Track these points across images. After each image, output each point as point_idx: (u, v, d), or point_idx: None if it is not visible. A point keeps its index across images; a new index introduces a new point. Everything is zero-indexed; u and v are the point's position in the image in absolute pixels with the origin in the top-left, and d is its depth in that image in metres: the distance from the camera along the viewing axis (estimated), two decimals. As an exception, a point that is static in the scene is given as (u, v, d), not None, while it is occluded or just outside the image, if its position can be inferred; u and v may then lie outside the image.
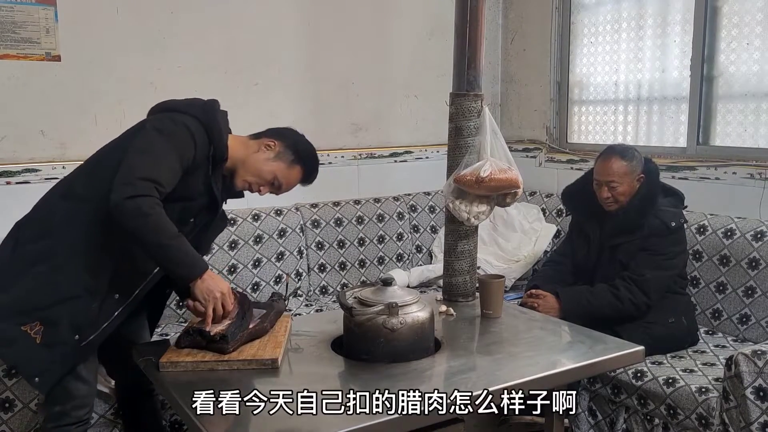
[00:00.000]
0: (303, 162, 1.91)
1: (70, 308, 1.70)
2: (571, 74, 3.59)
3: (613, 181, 2.44)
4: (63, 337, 1.70)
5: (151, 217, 1.61)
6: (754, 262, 2.56)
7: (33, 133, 2.68)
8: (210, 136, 1.77)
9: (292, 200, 3.17)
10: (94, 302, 1.72)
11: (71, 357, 1.73)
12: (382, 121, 3.53)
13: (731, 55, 2.86)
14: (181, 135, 1.72)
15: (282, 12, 3.16)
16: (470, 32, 2.22)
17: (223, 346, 1.68)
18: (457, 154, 2.25)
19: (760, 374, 1.90)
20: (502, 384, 1.58)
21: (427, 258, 3.44)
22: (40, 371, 1.70)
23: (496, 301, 2.09)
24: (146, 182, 1.64)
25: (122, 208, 1.61)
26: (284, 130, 1.96)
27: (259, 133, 1.94)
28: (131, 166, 1.66)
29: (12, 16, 2.58)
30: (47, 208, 1.81)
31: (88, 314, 1.71)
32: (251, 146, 1.89)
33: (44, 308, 1.69)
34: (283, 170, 1.88)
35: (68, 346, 1.71)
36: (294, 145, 1.91)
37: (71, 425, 1.82)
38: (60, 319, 1.69)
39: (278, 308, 1.92)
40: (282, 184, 1.90)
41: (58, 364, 1.72)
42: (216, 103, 1.86)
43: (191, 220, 1.83)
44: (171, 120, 1.76)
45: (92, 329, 1.73)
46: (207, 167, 1.79)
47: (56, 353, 1.70)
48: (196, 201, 1.81)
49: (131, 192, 1.61)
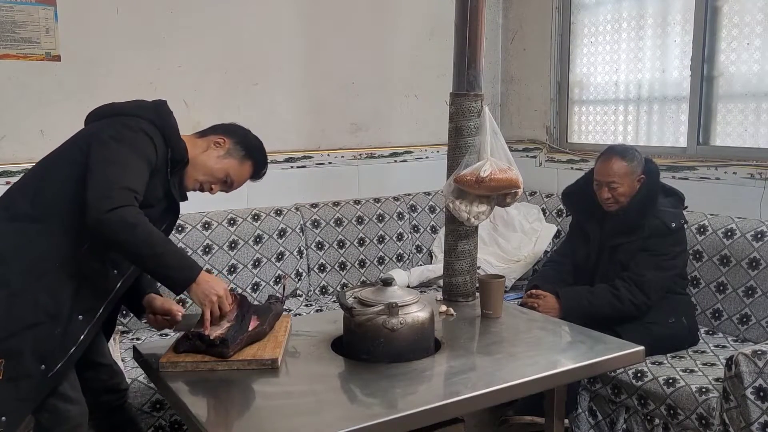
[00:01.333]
0: (253, 157, 1.87)
1: (32, 336, 1.57)
2: (571, 74, 3.59)
3: (614, 181, 2.44)
4: (28, 369, 1.57)
5: (139, 227, 1.55)
6: (754, 262, 2.55)
7: (33, 133, 2.68)
8: (166, 139, 1.71)
9: (292, 200, 3.18)
10: (58, 327, 1.60)
11: (39, 390, 1.61)
12: (382, 121, 3.53)
13: (731, 55, 2.86)
14: (142, 140, 1.66)
15: (282, 12, 3.16)
16: (470, 32, 2.22)
17: (223, 350, 1.66)
18: (457, 154, 2.25)
19: (760, 374, 1.90)
20: (502, 384, 1.58)
21: (427, 258, 3.44)
22: (7, 410, 1.56)
23: (496, 301, 2.09)
24: (124, 191, 1.56)
25: (106, 223, 1.52)
26: (231, 125, 1.91)
27: (205, 130, 1.89)
28: (103, 179, 1.57)
29: (12, 16, 2.58)
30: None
31: (52, 341, 1.59)
32: (199, 145, 1.82)
33: (3, 339, 1.55)
34: (234, 167, 1.84)
35: (35, 379, 1.58)
36: (244, 141, 1.87)
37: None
38: (22, 350, 1.56)
39: (276, 310, 1.91)
40: (234, 181, 1.86)
41: (25, 399, 1.59)
42: (165, 104, 1.79)
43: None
44: (125, 126, 1.68)
45: (59, 356, 1.61)
46: (165, 171, 1.73)
47: (22, 388, 1.57)
48: (156, 207, 1.73)
49: (111, 204, 1.53)
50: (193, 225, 2.82)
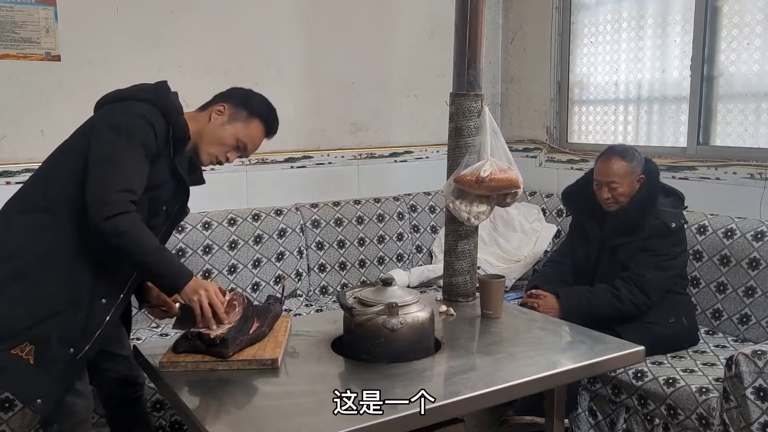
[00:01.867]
0: (259, 114, 1.85)
1: (56, 323, 1.62)
2: (571, 74, 3.59)
3: (614, 181, 2.44)
4: (56, 354, 1.62)
5: (131, 234, 1.58)
6: (754, 262, 2.55)
7: (33, 133, 2.68)
8: (167, 118, 1.71)
9: (292, 200, 3.17)
10: (80, 313, 1.65)
11: (69, 373, 1.67)
12: (382, 121, 3.53)
13: (731, 55, 2.86)
14: (139, 126, 1.66)
15: (282, 12, 3.16)
16: (470, 32, 2.22)
17: (222, 350, 1.66)
18: (457, 154, 2.25)
19: (760, 374, 1.90)
20: (502, 384, 1.58)
21: (427, 258, 3.44)
22: (41, 393, 1.62)
23: (496, 301, 2.09)
24: (119, 195, 1.59)
25: (101, 230, 1.57)
26: (229, 91, 1.89)
27: (206, 103, 1.88)
28: (99, 181, 1.60)
29: (12, 16, 2.58)
30: (5, 228, 1.70)
31: (76, 326, 1.64)
32: (202, 118, 1.82)
33: (29, 328, 1.61)
34: (241, 129, 1.82)
35: (64, 363, 1.64)
36: (244, 102, 1.84)
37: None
38: (49, 336, 1.61)
39: (275, 311, 1.91)
40: (246, 144, 1.84)
41: (56, 382, 1.64)
42: (166, 84, 1.80)
43: (163, 209, 1.79)
44: (123, 113, 1.69)
45: (85, 340, 1.66)
46: (168, 150, 1.73)
47: (53, 372, 1.63)
48: (164, 189, 1.75)
49: (107, 212, 1.56)
50: (193, 225, 2.82)
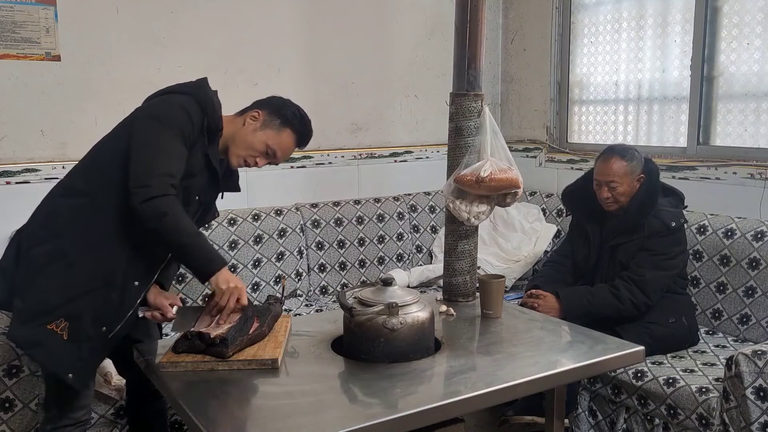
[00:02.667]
0: (291, 124, 1.90)
1: (90, 302, 1.70)
2: (571, 74, 3.59)
3: (613, 181, 2.44)
4: (88, 331, 1.71)
5: (168, 217, 1.64)
6: (754, 262, 2.55)
7: (33, 133, 2.68)
8: (203, 109, 1.78)
9: (292, 200, 3.17)
10: (113, 293, 1.72)
11: (100, 350, 1.76)
12: (382, 121, 3.53)
13: (731, 55, 2.86)
14: (177, 114, 1.74)
15: (282, 12, 3.16)
16: (470, 32, 2.22)
17: (222, 349, 1.67)
18: (457, 154, 2.25)
19: (760, 374, 1.90)
20: (502, 384, 1.58)
21: (427, 258, 3.44)
22: (73, 368, 1.71)
23: (496, 301, 2.09)
24: (158, 179, 1.66)
25: (141, 212, 1.64)
26: (268, 98, 1.95)
27: (244, 108, 1.94)
28: (141, 165, 1.68)
29: (12, 16, 2.58)
30: (48, 211, 1.80)
31: (109, 305, 1.72)
32: (237, 122, 1.89)
33: (64, 305, 1.69)
34: (273, 137, 1.87)
35: (96, 340, 1.72)
36: (279, 110, 1.90)
37: (68, 426, 1.82)
38: (82, 314, 1.70)
39: (275, 312, 1.91)
40: (276, 151, 1.89)
41: (88, 358, 1.73)
42: (205, 80, 1.87)
43: (196, 198, 1.84)
44: (164, 103, 1.79)
45: (117, 320, 1.74)
46: (203, 140, 1.79)
47: (84, 348, 1.71)
48: (197, 177, 1.81)
49: (146, 194, 1.64)
50: (193, 225, 2.82)
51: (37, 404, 2.10)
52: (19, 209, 1.85)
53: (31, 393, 2.11)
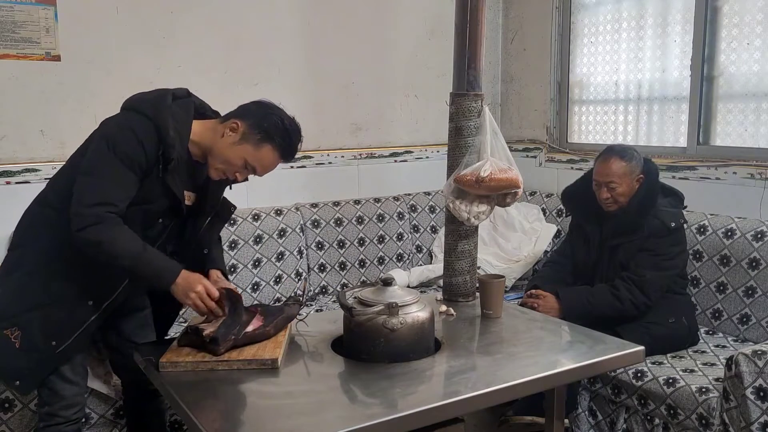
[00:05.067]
0: (272, 139, 1.73)
1: (41, 315, 1.71)
2: (571, 74, 3.59)
3: (613, 181, 2.44)
4: (37, 343, 1.72)
5: (103, 245, 1.62)
6: (754, 262, 2.55)
7: (33, 133, 2.68)
8: (160, 136, 1.66)
9: (292, 200, 3.17)
10: (62, 311, 1.72)
11: (48, 362, 1.76)
12: (382, 121, 3.53)
13: (731, 55, 2.86)
14: (128, 141, 1.65)
15: (282, 12, 3.16)
16: (470, 32, 2.22)
17: (214, 347, 1.67)
18: (457, 154, 2.25)
19: (760, 374, 1.90)
20: (502, 384, 1.58)
21: (427, 258, 3.44)
22: (19, 375, 1.74)
23: (496, 301, 2.09)
24: (94, 208, 1.62)
25: (77, 241, 1.62)
26: (252, 105, 1.79)
27: (228, 113, 1.79)
28: (79, 192, 1.64)
29: (12, 15, 2.58)
30: (27, 216, 1.81)
31: (59, 321, 1.72)
32: (218, 131, 1.75)
33: (18, 314, 1.71)
34: (251, 153, 1.72)
35: (44, 353, 1.73)
36: (259, 123, 1.72)
37: (61, 424, 1.84)
38: (32, 326, 1.71)
39: (289, 313, 1.88)
40: (255, 167, 1.75)
41: (35, 369, 1.75)
42: (167, 95, 1.73)
43: (159, 221, 1.79)
44: (118, 126, 1.68)
45: (66, 336, 1.74)
46: (158, 169, 1.70)
47: (32, 359, 1.72)
48: (156, 203, 1.75)
49: (80, 224, 1.61)
50: (193, 225, 2.82)
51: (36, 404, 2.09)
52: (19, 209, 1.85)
53: (31, 393, 2.10)
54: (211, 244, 1.96)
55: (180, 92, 1.80)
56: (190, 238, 1.90)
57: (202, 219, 1.90)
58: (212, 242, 1.97)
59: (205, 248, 1.93)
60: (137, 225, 1.72)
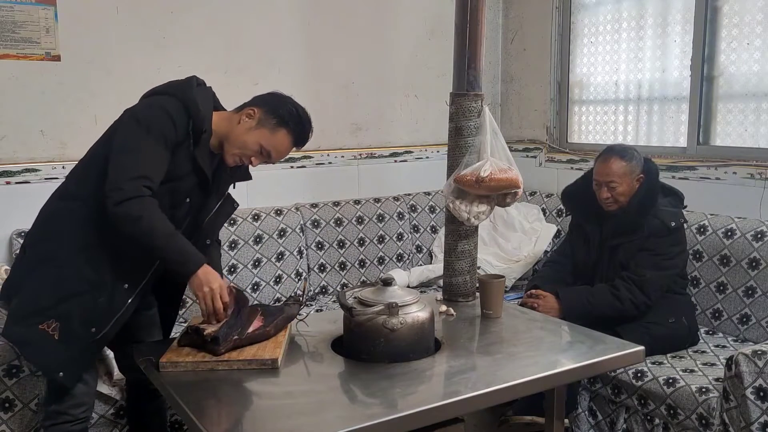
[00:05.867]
0: (287, 124, 1.83)
1: (78, 304, 1.73)
2: (571, 74, 3.59)
3: (613, 181, 2.44)
4: (78, 332, 1.73)
5: (142, 219, 1.64)
6: (754, 262, 2.55)
7: (33, 133, 2.68)
8: (188, 111, 1.74)
9: (292, 200, 3.17)
10: (101, 296, 1.74)
11: (90, 350, 1.79)
12: (382, 121, 3.53)
13: (731, 55, 2.86)
14: (159, 117, 1.71)
15: (282, 12, 3.16)
16: (470, 32, 2.22)
17: (214, 347, 1.67)
18: (457, 154, 2.25)
19: (760, 374, 1.90)
20: (502, 384, 1.58)
21: (427, 258, 3.44)
22: (63, 367, 1.74)
23: (496, 301, 2.09)
24: (133, 182, 1.65)
25: (115, 216, 1.64)
26: (266, 95, 1.89)
27: (243, 104, 1.89)
28: (116, 169, 1.67)
29: (12, 16, 2.58)
30: (46, 212, 1.83)
31: (97, 307, 1.74)
32: (233, 119, 1.84)
33: (54, 306, 1.72)
34: (267, 137, 1.81)
35: (85, 340, 1.75)
36: (275, 109, 1.83)
37: (68, 423, 1.84)
38: (71, 316, 1.72)
39: (288, 313, 1.88)
40: (270, 151, 1.83)
41: (78, 358, 1.77)
42: (192, 79, 1.82)
43: (186, 200, 1.83)
44: (148, 105, 1.76)
45: (106, 321, 1.76)
46: (189, 143, 1.76)
47: (74, 348, 1.74)
48: (185, 180, 1.79)
49: (119, 197, 1.63)
50: (193, 225, 2.82)
51: (37, 404, 2.10)
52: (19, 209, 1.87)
53: (31, 393, 2.11)
54: (213, 235, 1.99)
55: (200, 80, 1.87)
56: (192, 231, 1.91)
57: (206, 212, 1.92)
58: (214, 233, 2.01)
59: (207, 239, 1.96)
60: (166, 204, 1.75)
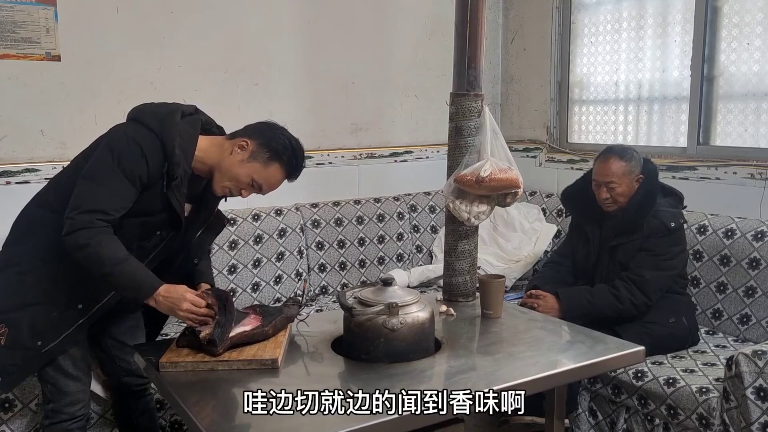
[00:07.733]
0: (281, 158, 1.78)
1: (31, 314, 1.72)
2: (571, 74, 3.59)
3: (612, 181, 2.44)
4: (24, 341, 1.73)
5: (88, 247, 1.61)
6: (754, 262, 2.55)
7: (33, 133, 2.68)
8: (165, 153, 1.68)
9: (292, 200, 3.17)
10: (54, 311, 1.73)
11: (33, 361, 1.76)
12: (382, 121, 3.53)
13: (731, 55, 2.86)
14: (132, 154, 1.66)
15: (282, 12, 3.16)
16: (470, 32, 2.22)
17: (212, 349, 1.68)
18: (457, 154, 2.25)
19: (760, 374, 1.90)
20: (502, 384, 1.58)
21: (427, 258, 3.44)
22: (4, 372, 1.75)
23: (497, 301, 2.09)
24: (86, 215, 1.62)
25: (64, 245, 1.63)
26: (260, 125, 1.83)
27: (236, 132, 1.83)
28: (77, 197, 1.65)
29: (12, 15, 2.58)
30: (24, 214, 1.82)
31: (47, 322, 1.73)
32: (225, 148, 1.78)
33: (7, 311, 1.73)
34: (259, 171, 1.76)
35: (30, 351, 1.74)
36: (268, 142, 1.77)
37: (66, 421, 1.85)
38: (21, 324, 1.72)
39: (288, 314, 1.88)
40: (262, 185, 1.79)
41: (19, 367, 1.75)
42: (177, 112, 1.74)
43: (157, 233, 1.80)
44: (125, 137, 1.69)
45: (53, 337, 1.75)
46: (162, 184, 1.71)
47: (17, 356, 1.74)
48: (156, 216, 1.76)
49: (69, 227, 1.62)
50: (193, 225, 2.82)
51: (37, 404, 2.10)
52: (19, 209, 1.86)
53: (31, 393, 2.11)
54: (201, 254, 1.97)
55: (188, 109, 1.81)
56: (181, 248, 1.90)
57: (195, 229, 1.90)
58: (203, 253, 1.98)
59: (195, 258, 1.94)
60: (134, 236, 1.74)
